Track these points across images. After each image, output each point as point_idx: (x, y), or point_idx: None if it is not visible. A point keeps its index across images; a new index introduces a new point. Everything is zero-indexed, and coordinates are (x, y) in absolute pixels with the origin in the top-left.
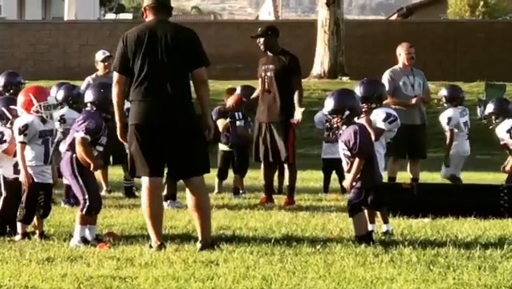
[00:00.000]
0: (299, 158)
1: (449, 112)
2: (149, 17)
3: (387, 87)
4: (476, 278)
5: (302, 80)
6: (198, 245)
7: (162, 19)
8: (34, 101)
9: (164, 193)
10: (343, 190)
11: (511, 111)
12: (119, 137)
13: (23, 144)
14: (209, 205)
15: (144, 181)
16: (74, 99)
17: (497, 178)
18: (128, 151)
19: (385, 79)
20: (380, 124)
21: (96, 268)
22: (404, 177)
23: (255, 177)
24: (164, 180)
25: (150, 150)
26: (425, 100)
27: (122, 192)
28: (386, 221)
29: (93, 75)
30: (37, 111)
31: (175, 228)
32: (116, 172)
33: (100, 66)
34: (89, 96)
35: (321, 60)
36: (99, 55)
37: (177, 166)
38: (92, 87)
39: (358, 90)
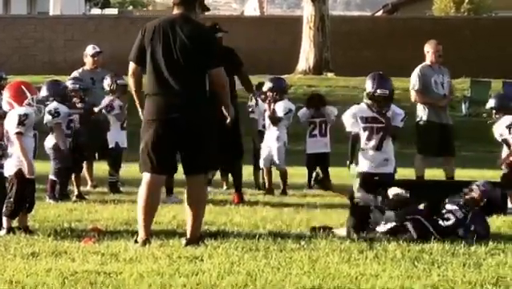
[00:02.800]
0: (286, 154)
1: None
2: (174, 10)
3: (417, 85)
4: (460, 274)
5: (288, 76)
6: (183, 240)
7: (184, 14)
8: (28, 94)
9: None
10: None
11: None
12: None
13: (20, 134)
14: (205, 205)
15: (146, 176)
16: (61, 96)
17: (482, 175)
18: (111, 145)
19: (415, 75)
20: (399, 124)
21: (81, 263)
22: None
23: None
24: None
25: (159, 147)
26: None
27: (107, 187)
28: None
29: (80, 70)
30: (29, 104)
31: (160, 223)
32: (102, 168)
33: (89, 60)
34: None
35: (306, 56)
36: (90, 50)
37: (184, 161)
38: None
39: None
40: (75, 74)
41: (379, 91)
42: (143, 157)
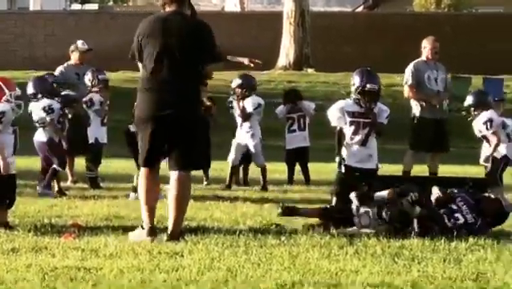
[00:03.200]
0: (266, 150)
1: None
2: (166, 8)
3: (410, 81)
4: (440, 270)
5: (268, 72)
6: (164, 236)
7: (178, 11)
8: (6, 90)
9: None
10: (308, 181)
11: (490, 104)
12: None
13: None
14: (188, 202)
15: (143, 170)
16: (49, 91)
17: (465, 171)
18: (91, 141)
19: (409, 71)
20: (384, 120)
21: (61, 259)
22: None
23: (221, 168)
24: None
25: (154, 141)
26: (447, 97)
27: (87, 183)
28: None
29: (65, 64)
30: (8, 100)
31: (139, 219)
32: (81, 163)
33: (75, 55)
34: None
35: (286, 52)
36: (80, 45)
37: (175, 157)
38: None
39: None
40: (61, 68)
41: (369, 85)
42: (141, 153)
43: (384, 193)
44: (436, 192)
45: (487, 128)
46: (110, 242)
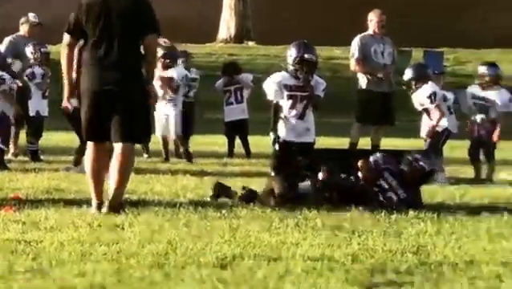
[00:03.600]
0: (206, 123)
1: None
2: None
3: (356, 54)
4: (381, 243)
5: (209, 44)
6: (104, 208)
7: None
8: None
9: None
10: (248, 154)
11: (430, 76)
12: (64, 99)
13: None
14: (129, 174)
15: (89, 144)
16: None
17: (406, 144)
18: (32, 114)
19: (355, 45)
20: (321, 93)
21: (1, 232)
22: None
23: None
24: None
25: (96, 115)
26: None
27: (27, 155)
28: None
29: (14, 35)
30: None
31: (80, 192)
32: (21, 136)
33: (25, 28)
34: None
35: (227, 25)
36: (32, 18)
37: (116, 128)
38: None
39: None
40: (10, 39)
41: (306, 55)
42: (83, 126)
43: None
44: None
45: (431, 102)
46: (50, 215)
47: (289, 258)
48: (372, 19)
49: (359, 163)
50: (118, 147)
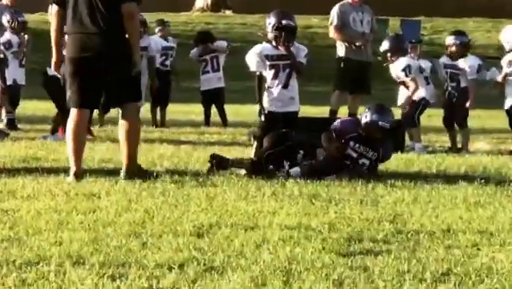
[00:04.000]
0: (182, 92)
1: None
2: None
3: (335, 21)
4: (358, 211)
5: (186, 13)
6: (121, 174)
7: None
8: None
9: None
10: (225, 123)
11: (406, 49)
12: (52, 68)
13: None
14: (139, 136)
15: (72, 112)
16: None
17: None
18: (9, 83)
19: (334, 12)
20: (303, 60)
21: None
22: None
23: None
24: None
25: (83, 82)
26: (373, 38)
27: (4, 124)
28: None
29: None
30: None
31: (57, 161)
32: None
33: None
34: None
35: None
36: None
37: (112, 95)
38: None
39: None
40: None
41: (284, 21)
42: (68, 93)
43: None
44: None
45: (406, 75)
46: (27, 184)
47: (266, 226)
48: None
49: (323, 140)
50: (125, 109)
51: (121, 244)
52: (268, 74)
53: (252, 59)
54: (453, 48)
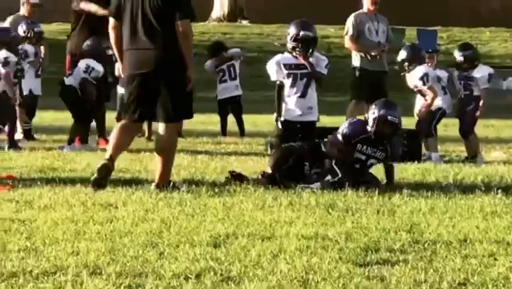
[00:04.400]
0: (198, 102)
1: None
2: None
3: (350, 31)
4: (374, 221)
5: (203, 24)
6: (152, 185)
7: None
8: None
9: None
10: (242, 133)
11: (423, 58)
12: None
13: None
14: (173, 152)
15: (122, 123)
16: (8, 43)
17: (406, 123)
18: (25, 93)
19: (349, 23)
20: (323, 70)
21: None
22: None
23: None
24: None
25: (136, 99)
26: (388, 48)
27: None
28: None
29: (15, 15)
30: None
31: (74, 171)
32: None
33: (27, 8)
34: None
35: (221, 3)
36: None
37: (159, 110)
38: None
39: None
40: (11, 19)
41: (302, 33)
42: (123, 107)
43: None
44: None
45: (424, 83)
46: (44, 194)
47: (282, 236)
48: None
49: (327, 146)
50: (162, 126)
51: (138, 254)
52: (286, 83)
53: (271, 68)
54: (462, 62)
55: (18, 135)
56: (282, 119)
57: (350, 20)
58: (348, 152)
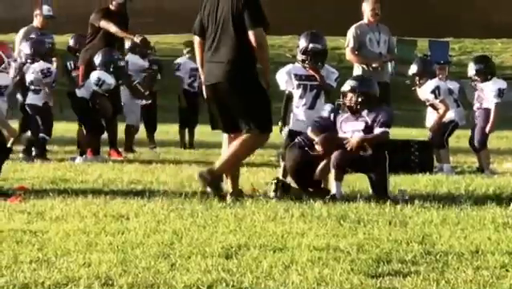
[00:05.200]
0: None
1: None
2: None
3: (351, 44)
4: (386, 233)
5: None
6: (228, 196)
7: None
8: (5, 58)
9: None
10: None
11: (434, 72)
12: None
13: None
14: (235, 161)
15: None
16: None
17: (408, 134)
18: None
19: (350, 34)
20: (333, 83)
21: (7, 222)
22: None
23: (166, 130)
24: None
25: (213, 109)
26: (390, 59)
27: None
28: None
29: (28, 26)
30: (5, 68)
31: (86, 182)
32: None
33: (39, 20)
34: None
35: None
36: (45, 11)
37: (236, 120)
38: None
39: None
40: (24, 30)
41: (311, 45)
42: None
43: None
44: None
45: (435, 97)
46: (56, 205)
47: (294, 247)
48: (366, 8)
49: (314, 139)
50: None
51: (150, 265)
52: (295, 93)
53: (281, 77)
54: (474, 75)
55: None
56: (287, 129)
57: (351, 32)
58: (331, 137)
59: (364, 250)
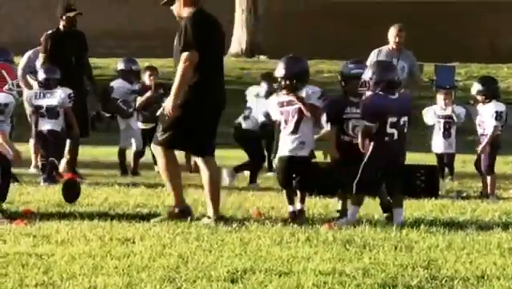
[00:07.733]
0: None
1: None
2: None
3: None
4: (392, 257)
5: None
6: (209, 220)
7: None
8: (8, 79)
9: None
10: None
11: (499, 92)
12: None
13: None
14: (219, 182)
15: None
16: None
17: (416, 159)
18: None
19: (370, 58)
20: (317, 102)
21: (12, 245)
22: None
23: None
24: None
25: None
26: (415, 85)
27: (39, 169)
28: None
29: (34, 50)
30: (10, 89)
31: (91, 205)
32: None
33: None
34: None
35: (238, 39)
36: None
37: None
38: None
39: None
40: (29, 54)
41: (276, 73)
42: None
43: None
44: None
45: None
46: (61, 229)
47: (300, 272)
48: (389, 35)
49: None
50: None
51: None
52: (281, 120)
53: (271, 107)
54: (477, 97)
55: (33, 169)
56: (276, 156)
57: (371, 55)
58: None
59: (370, 275)
